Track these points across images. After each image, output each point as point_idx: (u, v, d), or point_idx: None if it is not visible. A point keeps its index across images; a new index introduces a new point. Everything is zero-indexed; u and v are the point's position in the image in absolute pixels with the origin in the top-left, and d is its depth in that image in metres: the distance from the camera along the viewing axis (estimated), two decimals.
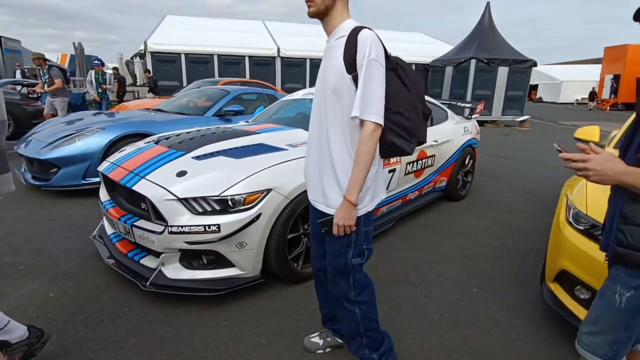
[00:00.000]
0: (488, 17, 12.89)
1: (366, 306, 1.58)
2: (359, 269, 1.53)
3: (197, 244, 2.06)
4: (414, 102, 1.42)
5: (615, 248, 1.14)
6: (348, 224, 1.37)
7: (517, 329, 2.09)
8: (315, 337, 1.90)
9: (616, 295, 1.15)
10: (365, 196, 1.42)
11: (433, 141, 3.66)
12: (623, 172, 1.02)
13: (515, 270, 2.77)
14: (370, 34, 1.31)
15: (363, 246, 1.49)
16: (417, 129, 1.44)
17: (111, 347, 1.83)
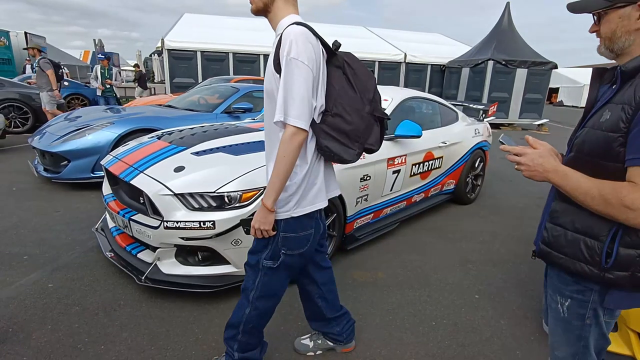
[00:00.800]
0: (507, 17, 12.59)
1: (257, 312, 1.49)
2: (269, 273, 1.43)
3: (192, 239, 2.05)
4: (358, 103, 1.31)
5: (540, 245, 1.14)
6: (263, 227, 1.31)
7: (518, 339, 2.01)
8: (305, 339, 1.86)
9: (558, 305, 1.12)
10: (290, 201, 1.33)
11: (441, 142, 3.58)
12: (551, 170, 0.99)
13: (521, 277, 2.67)
14: (295, 31, 1.20)
15: (281, 251, 1.39)
16: (360, 134, 1.32)
17: (102, 340, 1.84)
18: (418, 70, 14.45)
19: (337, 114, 1.28)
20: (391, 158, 2.97)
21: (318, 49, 1.25)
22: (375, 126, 1.38)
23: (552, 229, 1.09)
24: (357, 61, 1.35)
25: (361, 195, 2.77)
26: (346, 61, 1.32)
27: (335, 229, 2.62)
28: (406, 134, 2.94)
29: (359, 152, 1.37)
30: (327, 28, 17.02)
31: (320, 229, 1.50)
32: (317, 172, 1.37)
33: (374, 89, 1.36)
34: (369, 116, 1.35)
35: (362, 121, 1.32)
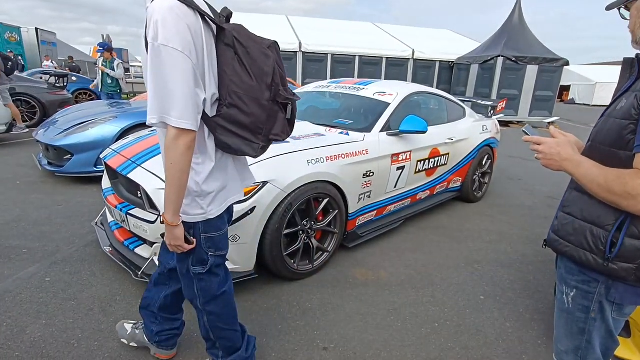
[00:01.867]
0: (518, 13, 12.35)
1: (215, 316, 1.41)
2: (204, 277, 1.34)
3: None
4: (255, 91, 1.10)
5: (549, 233, 1.12)
6: (174, 244, 1.19)
7: (524, 343, 1.93)
8: (129, 324, 1.75)
9: (564, 295, 1.10)
10: (202, 203, 1.20)
11: (447, 139, 3.49)
12: (567, 159, 0.97)
13: (528, 279, 2.58)
14: (162, 6, 0.96)
15: (208, 254, 1.29)
16: (262, 125, 1.14)
17: (96, 337, 1.81)
18: (426, 67, 14.28)
19: (232, 104, 1.09)
20: (395, 154, 2.89)
21: (197, 27, 1.02)
22: (280, 113, 1.18)
23: (562, 217, 1.08)
24: (250, 36, 1.11)
25: (364, 191, 2.70)
26: (236, 38, 1.07)
27: (337, 226, 2.56)
28: (411, 129, 2.86)
29: (265, 145, 1.20)
30: (334, 24, 16.91)
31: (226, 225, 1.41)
32: (225, 166, 1.24)
33: (272, 71, 1.11)
34: (271, 103, 1.14)
35: (262, 111, 1.12)
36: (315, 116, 3.27)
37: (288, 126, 1.25)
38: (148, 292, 1.63)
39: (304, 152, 2.34)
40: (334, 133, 2.79)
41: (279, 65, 1.15)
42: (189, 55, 0.99)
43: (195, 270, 1.32)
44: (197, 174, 1.17)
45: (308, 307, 2.12)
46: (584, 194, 1.00)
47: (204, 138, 1.14)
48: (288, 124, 1.25)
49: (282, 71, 1.17)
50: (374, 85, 3.42)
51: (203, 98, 1.07)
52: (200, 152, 1.15)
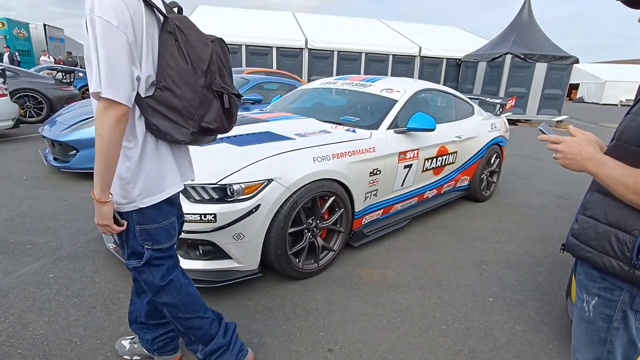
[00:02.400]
0: (527, 10, 12.16)
1: (172, 307, 1.37)
2: (143, 270, 1.30)
3: (192, 233, 1.98)
4: (189, 75, 1.12)
5: (569, 237, 1.06)
6: (102, 222, 1.16)
7: (535, 347, 1.88)
8: (125, 341, 1.69)
9: (584, 303, 1.04)
10: (132, 190, 1.17)
11: (455, 137, 3.42)
12: (589, 158, 0.91)
13: (538, 280, 2.53)
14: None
15: (144, 247, 1.25)
16: (194, 110, 1.14)
17: (99, 335, 1.79)
18: (433, 65, 14.15)
19: (165, 87, 1.11)
20: (403, 152, 2.84)
21: (138, 10, 1.05)
22: (214, 102, 1.18)
23: (583, 220, 1.01)
24: (192, 27, 1.15)
25: (370, 190, 2.66)
26: (178, 26, 1.12)
27: (343, 225, 2.51)
28: (419, 127, 2.80)
29: (195, 132, 1.17)
30: (340, 21, 16.81)
31: (177, 218, 1.38)
32: (160, 154, 1.21)
33: (209, 58, 1.14)
34: (205, 90, 1.15)
35: (195, 95, 1.14)
36: (321, 113, 3.23)
37: (225, 118, 1.23)
38: (132, 304, 1.59)
39: (309, 149, 2.30)
40: (341, 130, 2.74)
41: (220, 59, 1.20)
42: (124, 30, 1.02)
43: (130, 264, 1.29)
44: (127, 158, 1.15)
45: (313, 307, 2.09)
46: (608, 196, 0.95)
47: (135, 120, 1.14)
48: (226, 115, 1.23)
49: (223, 64, 1.21)
50: (381, 82, 3.37)
51: (137, 75, 1.08)
52: (132, 135, 1.14)
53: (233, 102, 1.24)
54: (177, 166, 1.28)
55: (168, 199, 1.26)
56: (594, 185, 1.01)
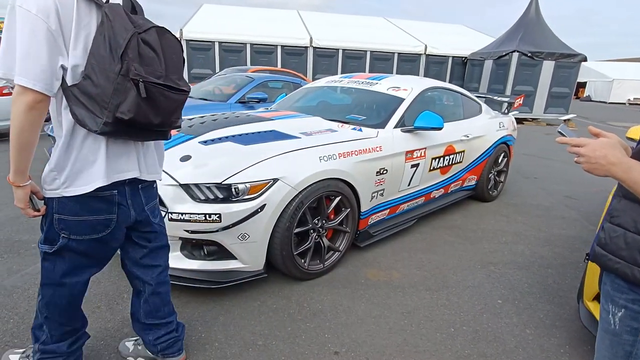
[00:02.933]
0: (535, 7, 12.02)
1: (44, 302, 1.35)
2: (49, 258, 1.28)
3: (197, 233, 1.96)
4: (106, 62, 1.09)
5: (594, 247, 1.00)
6: (18, 206, 1.17)
7: (546, 352, 1.84)
8: (130, 342, 1.68)
9: (610, 315, 0.99)
10: (56, 178, 1.16)
11: (463, 136, 3.38)
12: (615, 162, 0.85)
13: (548, 282, 2.48)
14: None
15: (60, 235, 1.23)
16: (107, 99, 1.10)
17: (103, 335, 1.77)
18: (439, 63, 14.05)
19: (87, 75, 1.10)
20: (410, 151, 2.80)
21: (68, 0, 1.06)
22: (131, 91, 1.11)
23: (610, 229, 0.95)
24: (119, 13, 1.12)
25: (377, 189, 2.62)
26: (106, 14, 1.10)
27: (349, 225, 2.48)
28: (426, 125, 2.76)
29: (110, 122, 1.11)
30: (345, 19, 16.73)
31: (130, 217, 1.32)
32: (90, 146, 1.18)
33: (126, 44, 1.09)
34: (121, 78, 1.09)
35: (109, 83, 1.09)
36: (327, 111, 3.19)
37: (150, 110, 1.15)
38: (132, 306, 1.58)
39: (315, 149, 2.27)
40: (347, 129, 2.71)
41: (153, 48, 1.15)
42: (45, 19, 1.03)
43: (42, 248, 1.27)
44: (55, 146, 1.17)
45: (318, 309, 2.06)
46: (637, 203, 0.89)
47: (61, 109, 1.14)
48: (150, 107, 1.15)
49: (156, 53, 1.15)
50: (387, 80, 3.32)
51: (60, 65, 1.08)
52: (59, 124, 1.16)
53: (159, 92, 1.15)
54: (110, 161, 1.22)
55: (103, 196, 1.23)
56: (620, 190, 0.96)
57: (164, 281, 1.54)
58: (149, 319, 1.54)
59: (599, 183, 5.00)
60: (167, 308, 1.57)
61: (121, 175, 1.26)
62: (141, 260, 1.48)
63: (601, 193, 4.59)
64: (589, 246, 3.00)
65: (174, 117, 1.25)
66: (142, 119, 1.15)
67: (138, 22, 1.15)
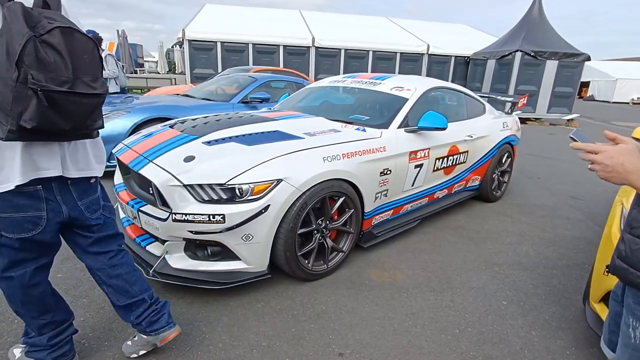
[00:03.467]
0: (538, 6, 11.97)
1: (5, 296, 1.40)
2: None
3: (201, 233, 1.96)
4: (3, 69, 1.05)
5: (615, 259, 0.96)
6: None
7: (552, 354, 1.82)
8: (129, 341, 1.69)
9: (630, 329, 0.96)
10: None
11: (467, 136, 3.36)
12: (633, 171, 0.82)
13: (552, 283, 2.46)
14: None
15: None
16: (9, 106, 1.07)
17: (107, 336, 1.77)
18: (441, 62, 14.01)
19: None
20: (413, 151, 2.79)
21: None
22: (32, 99, 1.07)
23: (630, 241, 0.92)
24: (16, 14, 1.06)
25: (381, 190, 2.61)
26: (5, 16, 1.05)
27: (352, 226, 2.47)
28: (430, 126, 2.75)
29: (14, 130, 1.09)
30: (347, 19, 16.71)
31: (62, 213, 1.32)
32: (6, 145, 1.17)
33: (21, 50, 1.03)
34: (20, 85, 1.06)
35: (7, 91, 1.06)
36: (330, 112, 3.19)
37: (52, 116, 1.12)
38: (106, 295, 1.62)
39: (319, 149, 2.26)
40: (350, 129, 2.70)
41: (59, 51, 1.09)
42: None
43: None
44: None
45: (322, 310, 2.05)
46: None
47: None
48: (55, 113, 1.12)
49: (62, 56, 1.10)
50: (391, 80, 3.31)
51: None
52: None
53: (64, 99, 1.12)
54: (33, 160, 1.22)
55: (27, 192, 1.23)
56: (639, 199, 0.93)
57: (119, 263, 1.55)
58: (121, 300, 1.56)
59: (603, 184, 4.97)
60: (136, 286, 1.59)
61: (40, 174, 1.25)
62: (88, 248, 1.49)
63: (606, 193, 4.56)
64: (595, 247, 2.98)
65: (89, 121, 1.23)
66: (49, 127, 1.13)
67: (41, 23, 1.08)
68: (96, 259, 1.52)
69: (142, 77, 15.09)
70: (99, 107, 1.25)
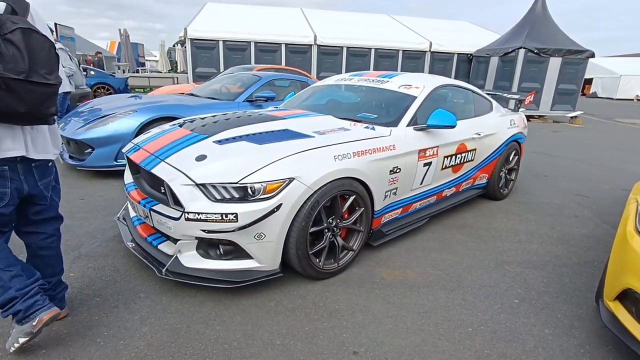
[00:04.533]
0: (541, 3, 11.91)
1: None
2: None
3: (213, 232, 1.96)
4: None
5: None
6: None
7: (566, 352, 1.82)
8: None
9: None
10: None
11: (475, 134, 3.35)
12: None
13: (564, 281, 2.46)
14: None
15: None
16: None
17: (122, 335, 1.77)
18: (444, 60, 13.96)
19: None
20: (422, 150, 2.78)
21: None
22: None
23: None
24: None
25: (390, 188, 2.61)
26: None
27: (362, 224, 2.47)
28: (439, 124, 2.74)
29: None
30: (349, 17, 16.66)
31: (23, 190, 1.56)
32: None
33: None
34: None
35: None
36: (338, 110, 3.18)
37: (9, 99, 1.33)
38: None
39: (330, 148, 2.26)
40: (359, 127, 2.69)
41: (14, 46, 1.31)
42: None
43: None
44: None
45: (335, 308, 2.05)
46: None
47: None
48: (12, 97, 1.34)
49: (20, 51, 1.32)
50: (398, 78, 3.30)
51: None
52: None
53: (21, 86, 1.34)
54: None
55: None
56: None
57: (47, 246, 1.77)
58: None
59: (610, 181, 4.96)
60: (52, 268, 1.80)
61: (6, 153, 1.47)
62: (24, 228, 1.72)
63: (612, 191, 4.55)
64: (604, 245, 2.99)
65: (43, 107, 1.45)
66: (7, 109, 1.36)
67: (6, 24, 1.32)
68: (30, 237, 1.75)
69: (145, 76, 15.11)
70: (52, 96, 1.47)
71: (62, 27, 19.78)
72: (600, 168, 5.73)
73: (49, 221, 1.77)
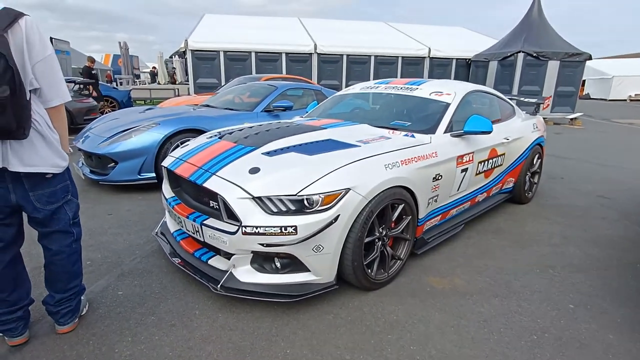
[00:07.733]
0: (537, 7, 12.13)
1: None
2: None
3: (272, 246, 1.92)
4: None
5: None
6: None
7: (635, 357, 1.81)
8: None
9: None
10: None
11: (504, 139, 3.37)
12: None
13: (612, 285, 2.45)
14: None
15: None
16: None
17: (187, 354, 1.73)
18: (442, 65, 14.12)
19: None
20: (460, 156, 2.78)
21: None
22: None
23: None
24: None
25: (432, 195, 2.60)
26: None
27: (409, 232, 2.46)
28: (476, 129, 2.75)
29: None
30: (347, 25, 16.81)
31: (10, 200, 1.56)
32: None
33: None
34: None
35: None
36: (369, 118, 3.18)
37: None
38: None
39: (379, 157, 2.24)
40: (399, 135, 2.69)
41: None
42: None
43: None
44: None
45: (394, 319, 2.02)
46: None
47: None
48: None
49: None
50: (428, 85, 3.32)
51: None
52: None
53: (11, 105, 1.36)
54: None
55: None
56: None
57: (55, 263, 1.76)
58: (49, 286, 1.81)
59: (628, 181, 5.00)
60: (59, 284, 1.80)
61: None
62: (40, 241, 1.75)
63: (632, 190, 4.59)
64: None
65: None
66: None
67: None
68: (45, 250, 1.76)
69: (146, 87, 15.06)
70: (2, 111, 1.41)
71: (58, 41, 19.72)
72: (610, 169, 5.78)
73: (54, 235, 1.73)
